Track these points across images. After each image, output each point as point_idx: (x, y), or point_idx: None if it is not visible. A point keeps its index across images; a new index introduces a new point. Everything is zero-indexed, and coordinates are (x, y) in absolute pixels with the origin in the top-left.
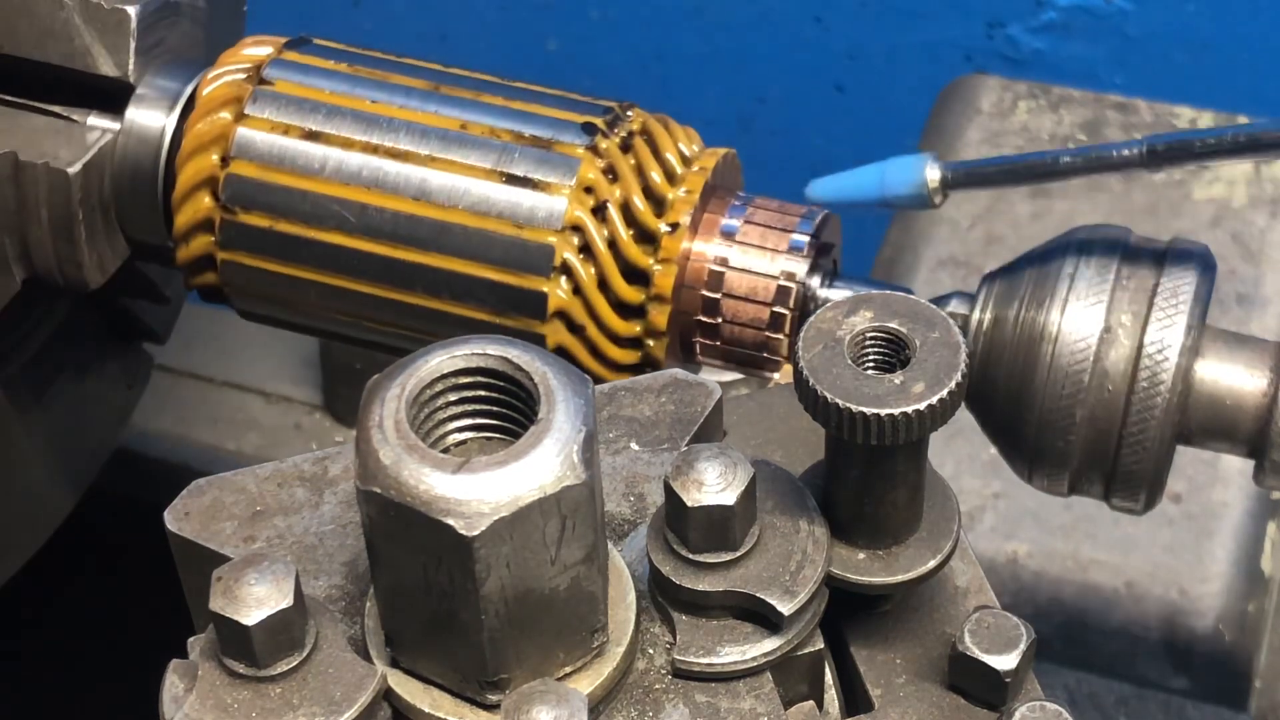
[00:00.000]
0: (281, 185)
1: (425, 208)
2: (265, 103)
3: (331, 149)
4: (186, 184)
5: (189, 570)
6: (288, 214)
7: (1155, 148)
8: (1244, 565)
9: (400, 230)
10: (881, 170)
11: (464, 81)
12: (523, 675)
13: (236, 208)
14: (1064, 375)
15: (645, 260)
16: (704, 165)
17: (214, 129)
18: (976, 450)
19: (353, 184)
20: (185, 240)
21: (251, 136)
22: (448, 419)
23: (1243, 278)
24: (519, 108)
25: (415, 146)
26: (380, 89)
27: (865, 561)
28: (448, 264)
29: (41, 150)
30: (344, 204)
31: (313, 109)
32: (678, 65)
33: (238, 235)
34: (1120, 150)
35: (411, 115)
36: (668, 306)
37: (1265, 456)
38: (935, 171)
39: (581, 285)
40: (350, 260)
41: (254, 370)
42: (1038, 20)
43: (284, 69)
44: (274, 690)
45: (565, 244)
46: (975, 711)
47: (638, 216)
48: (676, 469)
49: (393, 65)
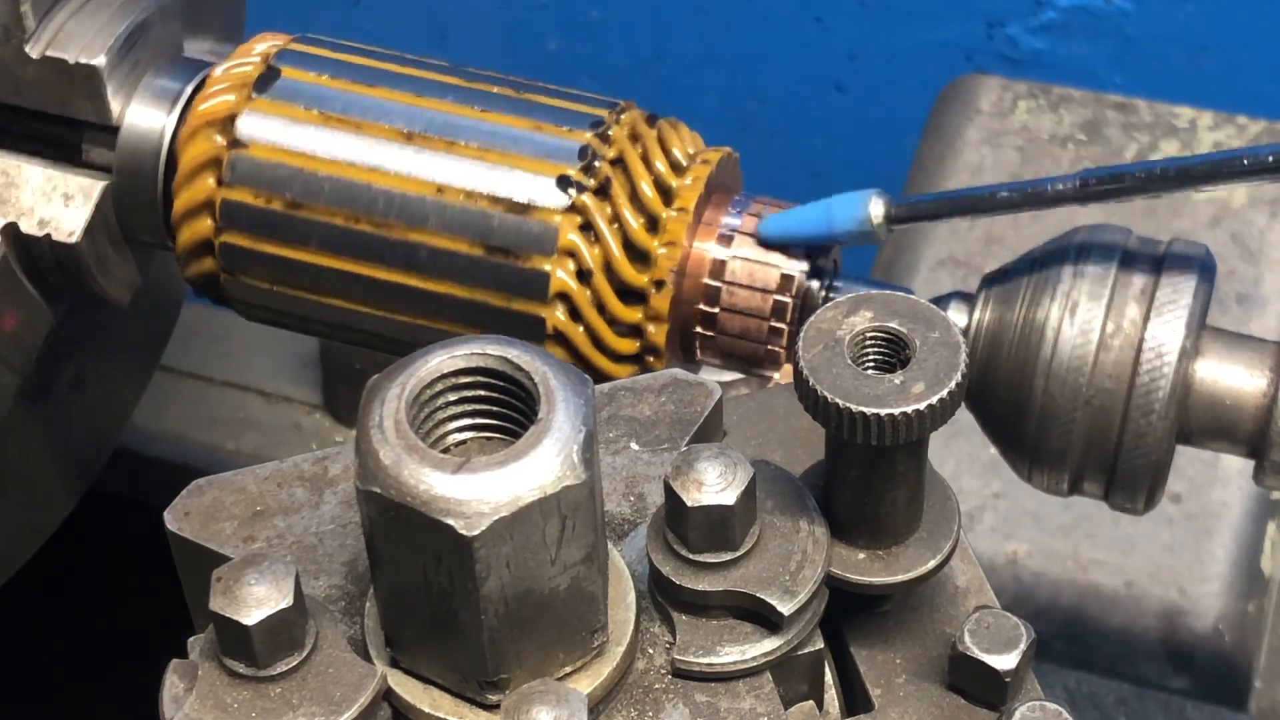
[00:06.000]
0: (285, 164)
1: (425, 187)
2: (257, 117)
3: (336, 133)
4: (187, 168)
5: (189, 570)
6: (288, 197)
7: (1088, 181)
8: (1244, 565)
9: (401, 211)
10: (828, 207)
11: (468, 74)
12: (523, 675)
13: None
14: (1064, 375)
15: (649, 244)
16: (698, 175)
17: (216, 124)
18: (976, 450)
19: (356, 166)
20: (183, 225)
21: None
22: (448, 419)
23: (1242, 278)
24: (524, 98)
25: (419, 130)
26: (383, 81)
27: (865, 561)
28: (450, 244)
29: (41, 219)
30: (347, 184)
31: (318, 102)
32: (678, 65)
33: (237, 215)
34: (1055, 184)
35: (415, 101)
36: (669, 292)
37: (1265, 456)
38: (880, 206)
39: (585, 267)
40: (349, 241)
41: (254, 370)
42: (1038, 20)
43: (285, 67)
44: (274, 690)
45: (569, 224)
46: (975, 711)
47: (644, 201)
48: (676, 469)
49: (394, 59)
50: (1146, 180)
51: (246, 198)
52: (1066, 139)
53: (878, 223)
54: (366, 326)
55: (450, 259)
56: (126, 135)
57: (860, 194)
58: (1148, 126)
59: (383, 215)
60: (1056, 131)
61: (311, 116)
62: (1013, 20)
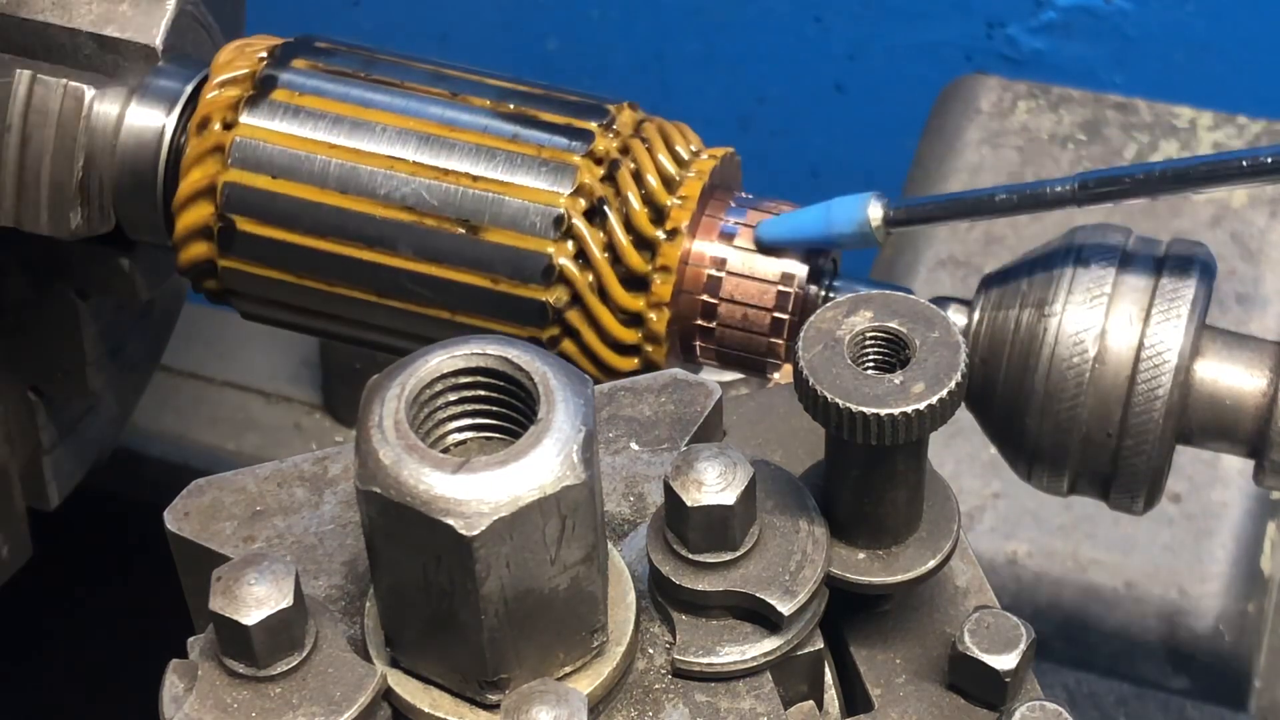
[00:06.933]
0: (290, 150)
1: (418, 215)
2: (262, 111)
3: (328, 157)
4: (188, 189)
5: (189, 570)
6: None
7: (1087, 183)
8: (1244, 565)
9: (396, 238)
10: (827, 209)
11: (461, 84)
12: (523, 675)
13: (234, 215)
14: (1064, 375)
15: (644, 266)
16: (701, 169)
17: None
18: (976, 450)
19: (347, 191)
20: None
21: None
22: (447, 419)
23: (1242, 278)
24: (515, 111)
25: (409, 153)
26: (377, 91)
27: (865, 561)
28: (445, 273)
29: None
30: (339, 212)
31: (312, 117)
32: (678, 65)
33: (238, 240)
34: (1053, 187)
35: (405, 122)
36: (667, 312)
37: (1265, 456)
38: (878, 209)
39: (580, 292)
40: (346, 268)
41: (254, 370)
42: (1038, 20)
43: (286, 74)
44: (274, 690)
45: (562, 251)
46: (975, 711)
47: (635, 222)
48: (676, 469)
49: (389, 67)
50: (1145, 182)
51: (249, 227)
52: (1066, 139)
53: (876, 226)
54: (364, 338)
55: (446, 285)
56: (127, 135)
57: (858, 197)
58: (1148, 126)
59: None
60: (1056, 131)
61: (302, 144)
62: (1013, 20)
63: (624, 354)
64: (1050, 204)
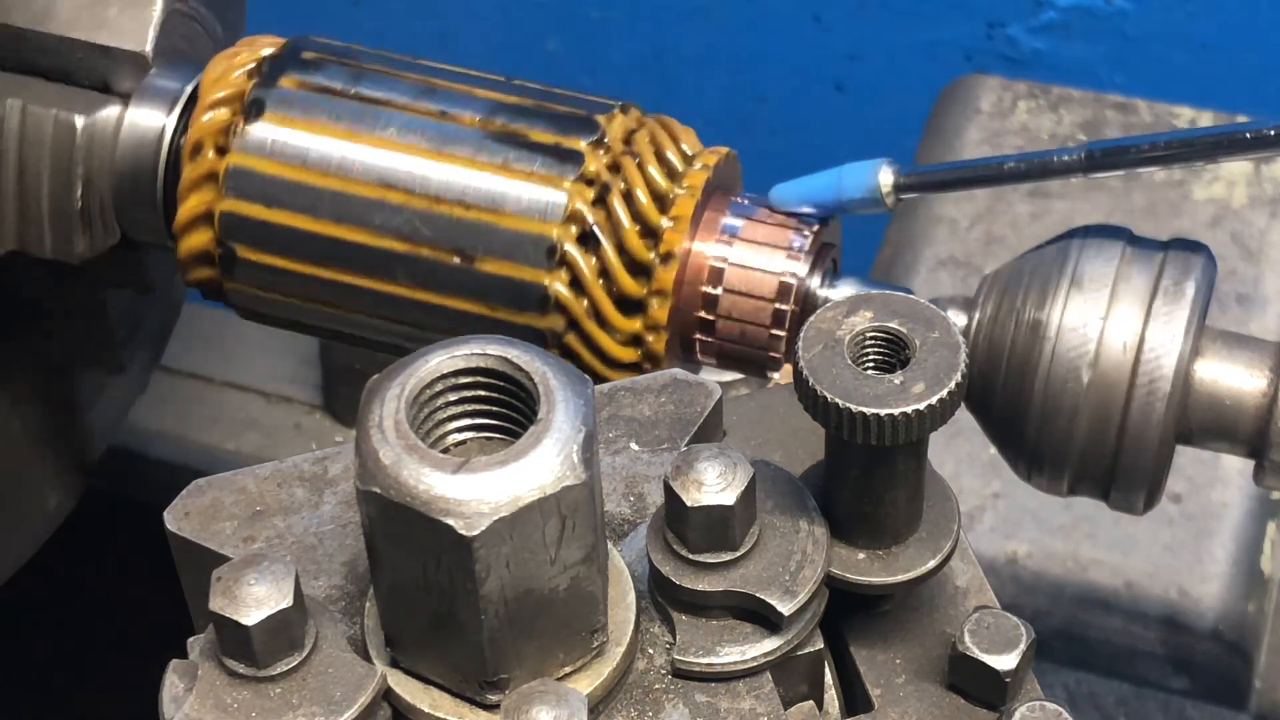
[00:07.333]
0: (283, 178)
1: (413, 245)
2: (270, 103)
3: (321, 186)
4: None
5: (189, 570)
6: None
7: (1094, 152)
8: (1244, 565)
9: (393, 266)
10: (839, 174)
11: (450, 98)
12: (523, 675)
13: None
14: (1064, 375)
15: (639, 290)
16: (706, 163)
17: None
18: (976, 450)
19: (342, 221)
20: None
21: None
22: (447, 419)
23: (1243, 278)
24: (504, 130)
25: (400, 182)
26: (365, 114)
27: (865, 561)
28: (442, 300)
29: (49, 109)
30: (334, 241)
31: (302, 145)
32: (678, 65)
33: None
34: (1061, 156)
35: (395, 147)
36: (668, 302)
37: (1265, 456)
38: (889, 175)
39: (576, 318)
40: (346, 294)
41: (254, 370)
42: (1038, 20)
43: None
44: (274, 690)
45: (556, 279)
46: (975, 711)
47: (628, 245)
48: (676, 469)
49: (377, 80)
50: (1151, 153)
51: (248, 254)
52: (1066, 139)
53: (886, 191)
54: (362, 334)
55: (447, 270)
56: (124, 143)
57: (870, 163)
58: (1148, 126)
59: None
60: (1056, 131)
61: (294, 173)
62: (1013, 20)
63: (624, 371)
64: (1058, 172)
